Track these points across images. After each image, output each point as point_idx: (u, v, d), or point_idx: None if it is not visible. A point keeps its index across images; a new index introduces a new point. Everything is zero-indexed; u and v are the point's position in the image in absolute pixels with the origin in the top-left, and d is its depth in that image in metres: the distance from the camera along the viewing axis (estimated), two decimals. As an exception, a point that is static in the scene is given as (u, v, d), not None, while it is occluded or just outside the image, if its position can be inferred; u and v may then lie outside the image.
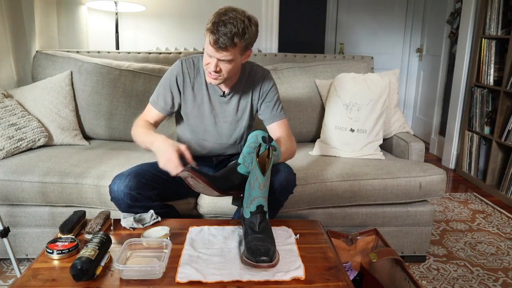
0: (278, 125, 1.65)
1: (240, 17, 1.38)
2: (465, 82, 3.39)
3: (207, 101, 1.63)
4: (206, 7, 3.11)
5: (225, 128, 1.68)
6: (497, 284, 1.86)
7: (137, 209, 1.49)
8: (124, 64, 2.28)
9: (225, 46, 1.37)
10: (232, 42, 1.37)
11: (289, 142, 1.60)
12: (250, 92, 1.65)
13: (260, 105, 1.67)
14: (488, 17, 3.04)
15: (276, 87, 1.68)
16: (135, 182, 1.47)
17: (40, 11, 2.56)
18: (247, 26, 1.39)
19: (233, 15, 1.37)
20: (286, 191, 1.51)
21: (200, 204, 1.75)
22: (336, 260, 1.23)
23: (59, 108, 2.12)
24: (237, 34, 1.36)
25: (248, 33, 1.40)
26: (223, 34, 1.35)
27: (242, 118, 1.68)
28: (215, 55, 1.41)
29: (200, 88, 1.62)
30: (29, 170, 1.75)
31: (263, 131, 1.46)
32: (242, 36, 1.38)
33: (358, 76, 2.12)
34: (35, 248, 1.84)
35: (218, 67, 1.44)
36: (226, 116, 1.66)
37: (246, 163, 1.39)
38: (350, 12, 4.80)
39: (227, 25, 1.35)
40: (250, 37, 1.42)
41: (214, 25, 1.36)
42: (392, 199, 1.85)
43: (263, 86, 1.65)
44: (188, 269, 1.15)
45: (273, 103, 1.65)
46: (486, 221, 2.51)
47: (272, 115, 1.65)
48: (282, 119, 1.66)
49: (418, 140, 2.09)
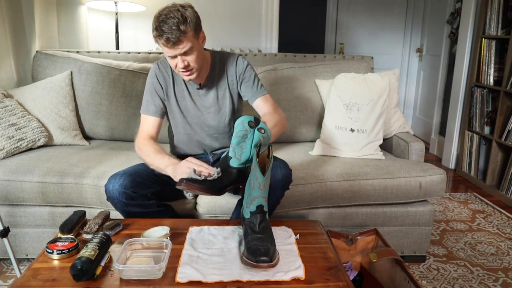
0: (262, 101, 1.67)
1: (173, 8, 1.43)
2: (465, 82, 3.39)
3: (188, 96, 1.68)
4: (206, 6, 3.11)
5: (210, 119, 1.71)
6: (497, 284, 1.86)
7: (133, 207, 1.50)
8: (124, 64, 2.28)
9: (177, 38, 1.41)
10: (180, 31, 1.41)
11: (277, 115, 1.60)
12: (225, 79, 1.68)
13: (240, 86, 1.69)
14: (488, 17, 3.04)
15: (252, 67, 1.70)
16: (129, 181, 1.48)
17: (40, 11, 2.56)
18: (183, 12, 1.43)
19: (166, 11, 1.42)
20: (282, 186, 1.52)
21: (200, 204, 1.75)
22: (336, 260, 1.23)
23: (59, 108, 2.12)
24: (180, 22, 1.41)
25: (188, 16, 1.44)
26: (169, 30, 1.40)
27: (224, 105, 1.70)
28: (175, 52, 1.45)
29: (179, 84, 1.68)
30: (29, 170, 1.75)
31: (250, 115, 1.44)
32: (185, 21, 1.42)
33: (358, 76, 2.11)
34: (35, 248, 1.84)
35: (185, 61, 1.48)
36: (208, 107, 1.70)
37: (237, 154, 1.36)
38: (350, 12, 4.80)
39: (166, 21, 1.40)
40: (192, 19, 1.45)
41: (158, 29, 1.42)
42: (392, 199, 1.85)
43: (238, 69, 1.68)
44: (188, 269, 1.15)
45: (252, 81, 1.68)
46: (486, 221, 2.51)
47: (253, 92, 1.68)
48: (264, 94, 1.68)
49: (418, 140, 2.09)
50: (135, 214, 1.52)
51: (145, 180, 1.54)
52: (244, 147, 1.33)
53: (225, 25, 3.19)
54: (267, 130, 1.36)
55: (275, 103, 1.70)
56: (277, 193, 1.52)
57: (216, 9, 3.16)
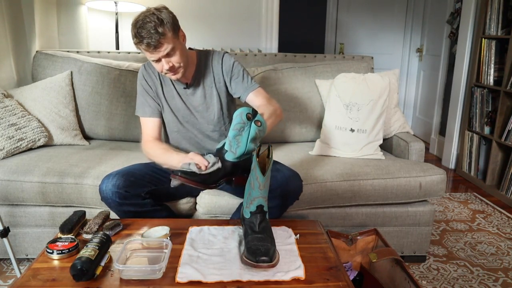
0: (254, 95, 1.67)
1: (148, 13, 1.44)
2: (465, 82, 3.39)
3: (177, 95, 1.69)
4: (206, 6, 3.11)
5: (200, 117, 1.72)
6: (497, 284, 1.86)
7: (127, 207, 1.51)
8: (124, 64, 2.28)
9: (157, 42, 1.42)
10: (158, 34, 1.41)
11: (271, 106, 1.59)
12: (211, 77, 1.69)
13: (230, 84, 1.69)
14: (488, 17, 3.04)
15: (239, 63, 1.70)
16: (123, 180, 1.50)
17: (40, 11, 2.56)
18: (158, 14, 1.44)
19: (142, 17, 1.43)
20: (293, 196, 1.56)
21: (200, 204, 1.75)
22: (336, 260, 1.23)
23: (59, 108, 2.12)
24: (157, 25, 1.41)
25: (165, 18, 1.45)
26: (147, 35, 1.41)
27: (212, 103, 1.71)
28: (158, 56, 1.46)
29: (167, 84, 1.69)
30: (29, 170, 1.75)
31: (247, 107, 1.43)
32: (161, 23, 1.43)
33: (358, 76, 2.11)
34: (35, 248, 1.84)
35: (170, 63, 1.49)
36: (197, 106, 1.71)
37: (233, 148, 1.34)
38: (350, 12, 4.80)
39: (144, 26, 1.41)
40: (168, 20, 1.46)
41: (137, 35, 1.43)
42: (392, 199, 1.85)
43: (224, 67, 1.67)
44: (188, 269, 1.15)
45: (241, 77, 1.68)
46: (486, 221, 2.51)
47: (245, 87, 1.67)
48: (256, 88, 1.68)
49: (418, 140, 2.09)
50: (130, 214, 1.53)
51: (139, 179, 1.55)
52: (240, 140, 1.33)
53: (225, 25, 3.19)
54: (264, 123, 1.35)
55: (268, 95, 1.69)
56: (287, 204, 1.57)
57: (216, 9, 3.16)
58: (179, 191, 1.70)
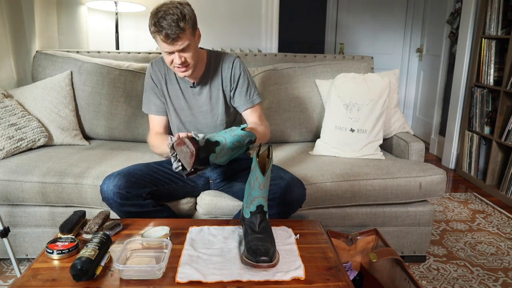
0: (251, 111, 1.70)
1: (171, 5, 1.44)
2: (465, 82, 3.39)
3: (181, 95, 1.70)
4: (206, 6, 3.11)
5: (202, 118, 1.72)
6: (497, 284, 1.86)
7: (129, 207, 1.52)
8: (124, 64, 2.28)
9: (176, 35, 1.42)
10: (179, 28, 1.41)
11: (261, 128, 1.61)
12: (219, 80, 1.69)
13: (234, 93, 1.70)
14: (488, 17, 3.04)
15: (247, 72, 1.71)
16: (124, 181, 1.50)
17: (40, 11, 2.56)
18: (181, 9, 1.44)
19: (165, 7, 1.43)
20: (297, 204, 1.57)
21: (200, 204, 1.75)
22: (336, 260, 1.23)
23: (59, 108, 2.12)
24: (179, 19, 1.41)
25: (187, 14, 1.45)
26: (168, 26, 1.41)
27: (217, 105, 1.71)
28: (173, 48, 1.46)
29: (172, 83, 1.70)
30: (29, 170, 1.75)
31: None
32: (184, 18, 1.43)
33: (358, 76, 2.11)
34: (35, 248, 1.84)
35: (182, 57, 1.49)
36: (201, 106, 1.71)
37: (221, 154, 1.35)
38: (350, 12, 4.80)
39: (166, 17, 1.41)
40: (190, 17, 1.46)
41: (156, 24, 1.42)
42: (392, 199, 1.85)
43: (234, 73, 1.68)
44: (188, 269, 1.15)
45: (245, 89, 1.69)
46: (486, 221, 2.51)
47: (244, 101, 1.69)
48: (254, 105, 1.70)
49: (418, 140, 2.09)
50: (131, 214, 1.53)
51: (140, 180, 1.55)
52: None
53: (225, 25, 3.19)
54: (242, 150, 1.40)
55: (262, 114, 1.73)
56: (290, 211, 1.58)
57: (216, 9, 3.16)
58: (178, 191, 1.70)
